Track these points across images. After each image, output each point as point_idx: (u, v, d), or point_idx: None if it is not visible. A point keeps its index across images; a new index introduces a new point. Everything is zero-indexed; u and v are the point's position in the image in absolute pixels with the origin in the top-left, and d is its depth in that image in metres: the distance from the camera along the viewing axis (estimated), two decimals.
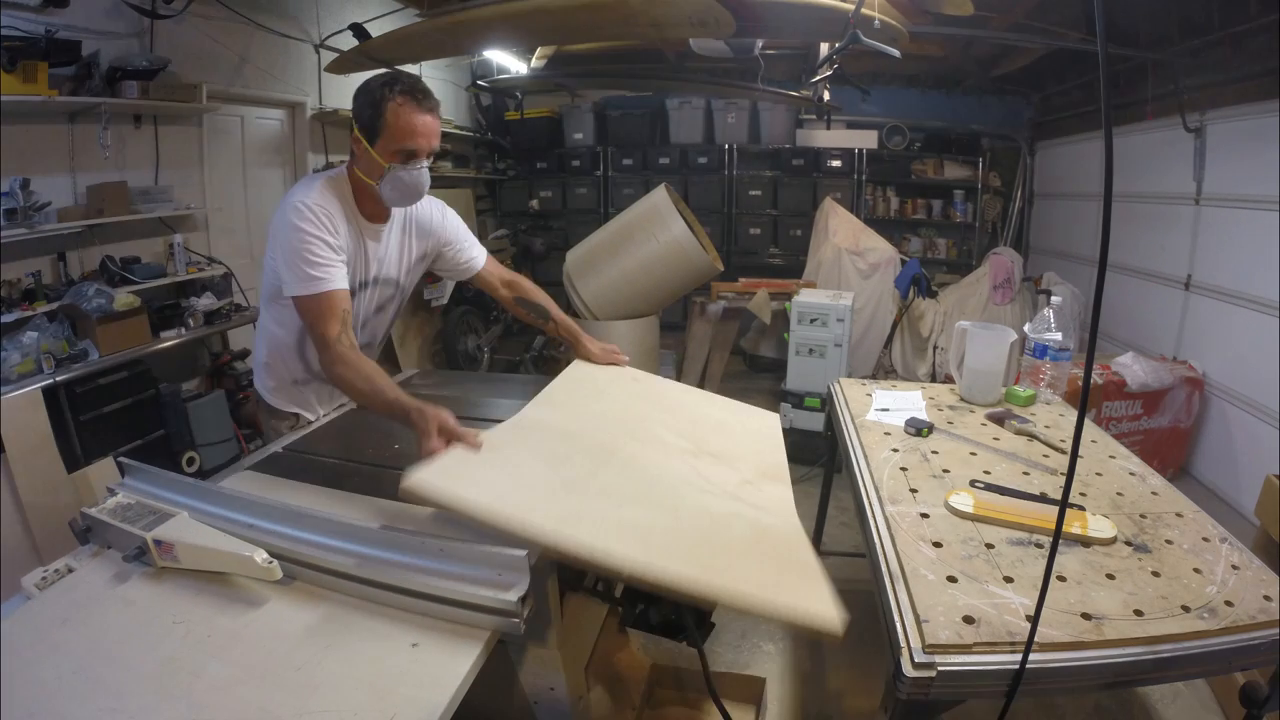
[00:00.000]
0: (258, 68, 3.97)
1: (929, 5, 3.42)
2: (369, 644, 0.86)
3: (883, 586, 1.15)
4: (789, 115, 6.36)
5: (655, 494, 1.16)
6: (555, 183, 6.69)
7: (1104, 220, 0.77)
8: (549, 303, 1.88)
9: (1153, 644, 0.99)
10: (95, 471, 2.71)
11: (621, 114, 6.49)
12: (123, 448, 2.86)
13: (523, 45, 5.12)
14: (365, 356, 1.44)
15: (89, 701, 0.79)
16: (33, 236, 2.70)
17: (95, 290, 2.82)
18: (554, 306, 1.87)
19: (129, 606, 0.95)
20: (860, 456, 1.65)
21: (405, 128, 1.45)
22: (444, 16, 3.44)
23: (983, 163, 6.24)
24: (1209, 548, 1.22)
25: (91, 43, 2.92)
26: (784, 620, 0.89)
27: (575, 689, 1.35)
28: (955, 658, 0.98)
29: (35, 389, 2.49)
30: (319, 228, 1.45)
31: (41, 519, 2.47)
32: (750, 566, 0.99)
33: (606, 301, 4.09)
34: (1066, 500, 0.88)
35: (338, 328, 1.42)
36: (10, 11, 2.59)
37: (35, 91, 2.61)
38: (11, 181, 2.63)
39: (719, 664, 2.21)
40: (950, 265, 6.36)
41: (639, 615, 1.20)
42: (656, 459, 1.29)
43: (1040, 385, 2.04)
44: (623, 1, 3.04)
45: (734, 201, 6.44)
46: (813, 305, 3.73)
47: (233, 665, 0.83)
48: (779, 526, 1.12)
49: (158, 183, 3.38)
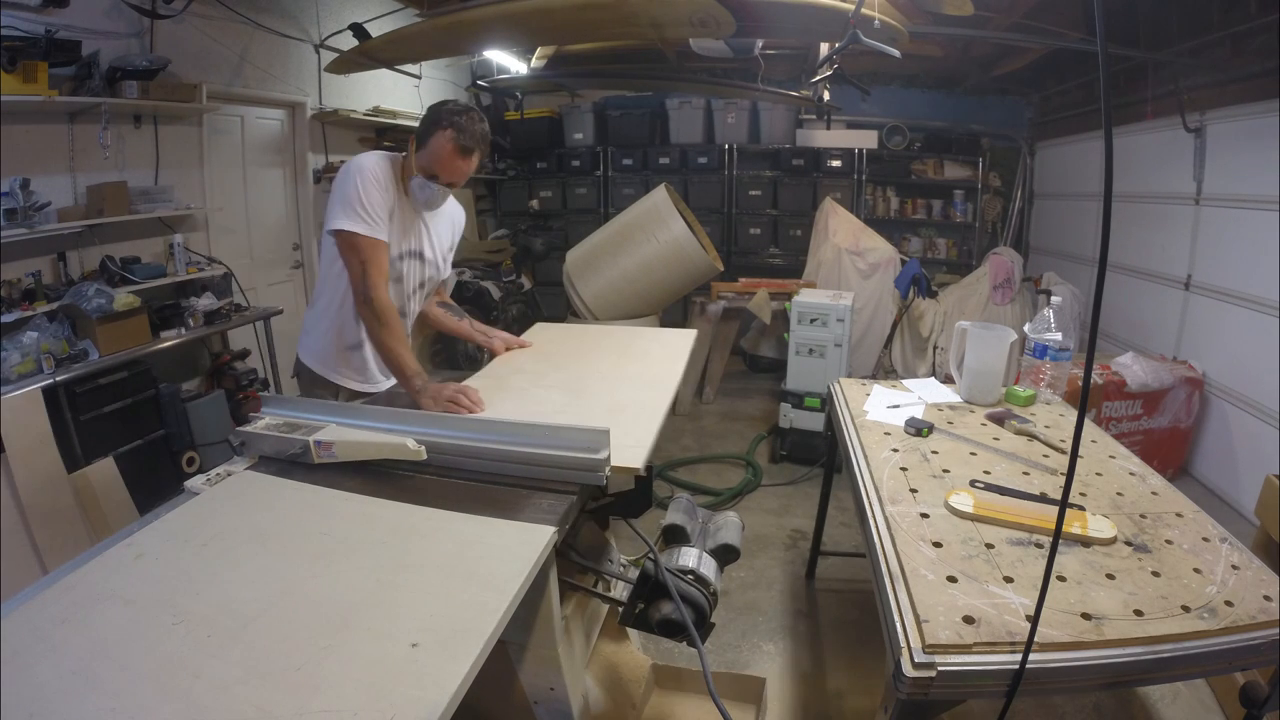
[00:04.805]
0: (257, 68, 3.97)
1: (929, 5, 3.42)
2: (369, 644, 0.86)
3: (883, 586, 1.15)
4: (789, 115, 6.36)
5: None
6: (555, 183, 6.69)
7: (1104, 220, 0.77)
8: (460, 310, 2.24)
9: (1153, 644, 0.99)
10: (95, 471, 2.71)
11: (621, 114, 6.49)
12: (123, 448, 2.86)
13: (523, 45, 5.12)
14: (398, 317, 1.73)
15: (88, 701, 0.78)
16: (33, 236, 2.70)
17: (95, 290, 2.82)
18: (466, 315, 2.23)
19: (129, 606, 0.95)
20: (860, 456, 1.65)
21: (438, 156, 1.71)
22: (444, 16, 3.45)
23: (983, 163, 6.24)
24: (1209, 548, 1.22)
25: (91, 43, 2.92)
26: None
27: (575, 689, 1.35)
28: (955, 658, 0.98)
29: (35, 389, 2.49)
30: (377, 186, 1.70)
31: (41, 519, 2.47)
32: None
33: (606, 301, 4.10)
34: (1066, 500, 0.88)
35: (380, 276, 1.69)
36: (10, 11, 2.59)
37: (35, 91, 2.61)
38: (11, 181, 2.63)
39: (719, 664, 2.22)
40: (950, 265, 6.36)
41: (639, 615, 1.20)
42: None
43: (1040, 385, 2.04)
44: (623, 1, 3.04)
45: (734, 201, 6.44)
46: (813, 305, 3.74)
47: (233, 665, 0.83)
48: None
49: (158, 183, 3.38)
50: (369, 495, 1.24)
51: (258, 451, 1.41)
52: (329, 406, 1.54)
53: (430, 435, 1.35)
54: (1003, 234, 6.36)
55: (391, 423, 1.42)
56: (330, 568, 1.02)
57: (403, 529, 1.13)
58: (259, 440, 1.41)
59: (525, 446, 1.29)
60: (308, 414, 1.49)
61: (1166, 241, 3.95)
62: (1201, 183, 3.67)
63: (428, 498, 1.23)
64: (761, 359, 5.34)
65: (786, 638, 2.39)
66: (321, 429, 1.39)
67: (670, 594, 1.13)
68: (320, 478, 1.32)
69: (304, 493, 1.27)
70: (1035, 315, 2.22)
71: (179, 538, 1.13)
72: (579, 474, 1.25)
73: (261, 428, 1.44)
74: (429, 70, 5.58)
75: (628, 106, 6.50)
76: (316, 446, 1.33)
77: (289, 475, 1.34)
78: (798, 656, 2.31)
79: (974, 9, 3.32)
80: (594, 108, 6.56)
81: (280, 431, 1.40)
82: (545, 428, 1.30)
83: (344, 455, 1.33)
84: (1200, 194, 3.68)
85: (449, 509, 1.18)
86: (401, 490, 1.26)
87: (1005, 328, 1.99)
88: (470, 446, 1.32)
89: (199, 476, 1.35)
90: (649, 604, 1.18)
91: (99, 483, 2.71)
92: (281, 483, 1.31)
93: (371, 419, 1.44)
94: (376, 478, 1.31)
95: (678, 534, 1.29)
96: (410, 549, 1.07)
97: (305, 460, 1.34)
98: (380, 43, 3.79)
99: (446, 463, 1.33)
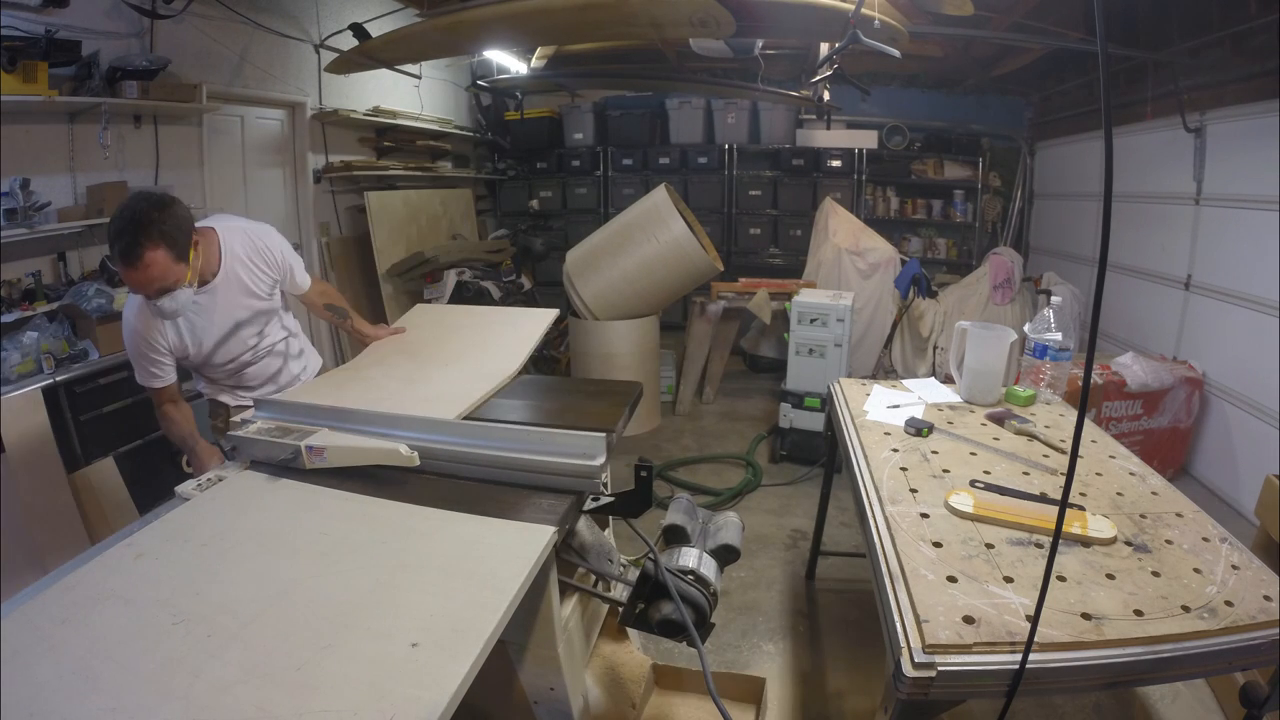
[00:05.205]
0: (257, 68, 3.96)
1: (929, 5, 3.42)
2: (369, 644, 0.86)
3: (883, 586, 1.15)
4: (789, 115, 6.36)
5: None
6: (555, 183, 6.69)
7: (1104, 220, 0.77)
8: (347, 305, 2.24)
9: (1153, 644, 0.99)
10: (95, 471, 2.71)
11: (621, 114, 6.49)
12: (123, 448, 2.86)
13: (523, 45, 5.11)
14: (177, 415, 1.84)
15: (88, 701, 0.79)
16: (33, 236, 2.70)
17: (95, 290, 2.82)
18: (351, 310, 2.23)
19: (129, 606, 0.95)
20: (860, 456, 1.65)
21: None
22: (444, 16, 3.44)
23: (983, 163, 6.24)
24: (1209, 548, 1.22)
25: (91, 43, 2.92)
26: None
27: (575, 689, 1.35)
28: (955, 658, 0.98)
29: (35, 389, 2.49)
30: (140, 341, 1.76)
31: (41, 519, 2.47)
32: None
33: (606, 302, 4.09)
34: (1066, 500, 0.88)
35: (168, 403, 1.85)
36: (10, 11, 2.58)
37: (35, 91, 2.61)
38: (11, 181, 2.63)
39: (719, 664, 2.21)
40: (950, 265, 6.36)
41: (639, 615, 1.20)
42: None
43: (1040, 385, 2.04)
44: (623, 1, 3.04)
45: (734, 201, 6.44)
46: (813, 305, 3.74)
47: (233, 665, 0.83)
48: None
49: (158, 183, 3.37)
50: (368, 495, 1.24)
51: (249, 456, 1.40)
52: (322, 410, 1.53)
53: (423, 441, 1.34)
54: (1003, 234, 6.36)
55: (385, 427, 1.41)
56: (330, 568, 1.02)
57: (402, 529, 1.13)
58: (250, 445, 1.40)
59: (518, 452, 1.29)
60: (300, 417, 1.48)
61: (1166, 241, 3.95)
62: (1201, 183, 3.67)
63: (427, 497, 1.23)
64: (761, 359, 5.34)
65: (786, 638, 2.39)
66: (314, 433, 1.38)
67: (670, 594, 1.13)
68: (319, 478, 1.32)
69: (303, 493, 1.27)
70: (1035, 315, 2.22)
71: (179, 538, 1.13)
72: (572, 480, 1.25)
73: (253, 432, 1.43)
74: (429, 70, 5.58)
75: (628, 106, 6.51)
76: (308, 452, 1.32)
77: (287, 476, 1.33)
78: (798, 656, 2.31)
79: (974, 9, 3.32)
80: (594, 108, 6.56)
81: (272, 436, 1.40)
82: (539, 432, 1.30)
83: (335, 461, 1.32)
84: (1200, 194, 3.68)
85: (448, 509, 1.18)
86: (401, 490, 1.26)
87: (1005, 328, 1.99)
88: (463, 452, 1.32)
89: (190, 482, 1.34)
90: (649, 604, 1.18)
91: (99, 483, 2.71)
92: (281, 483, 1.31)
93: (364, 423, 1.43)
94: (376, 478, 1.31)
95: (678, 534, 1.29)
96: (410, 549, 1.07)
97: (297, 465, 1.33)
98: (380, 43, 3.78)
99: (440, 468, 1.32)
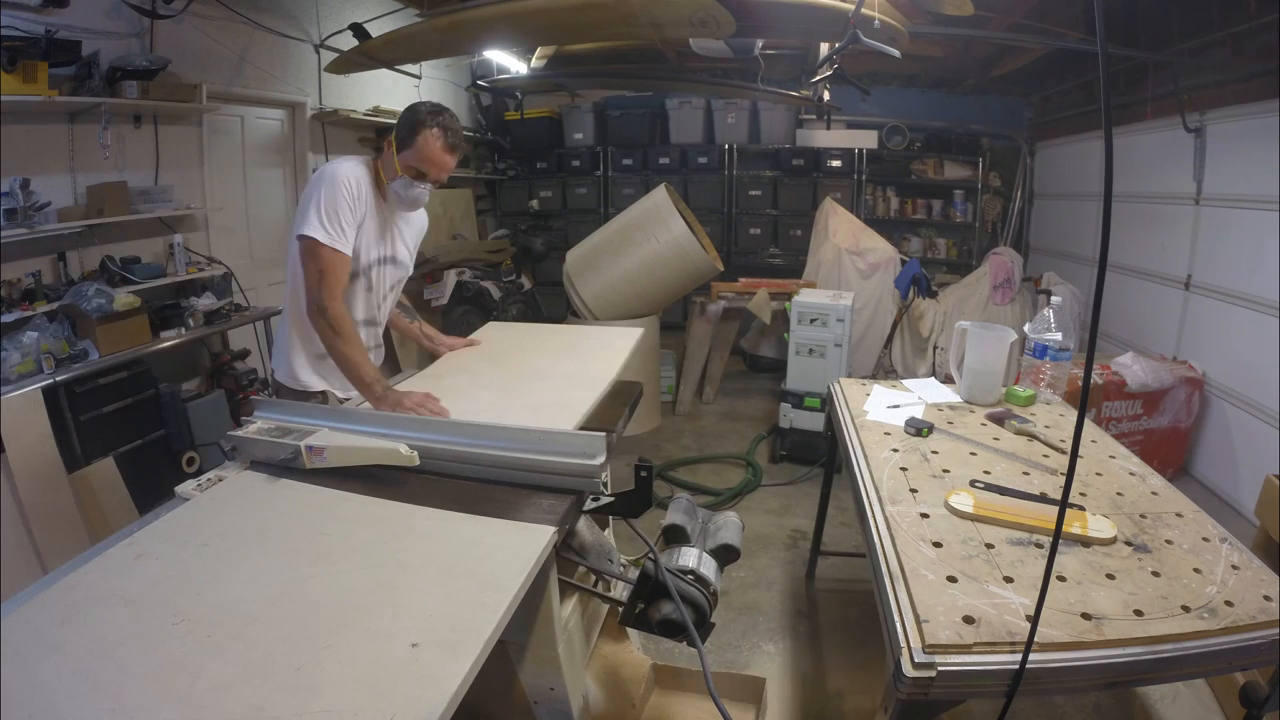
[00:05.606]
0: (258, 68, 3.96)
1: (929, 5, 3.42)
2: (369, 644, 0.86)
3: (883, 586, 1.15)
4: (789, 115, 6.36)
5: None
6: (555, 183, 6.69)
7: (1104, 220, 0.77)
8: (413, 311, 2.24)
9: (1153, 644, 0.99)
10: (95, 471, 2.71)
11: (621, 114, 6.49)
12: (123, 448, 2.86)
13: (523, 45, 5.12)
14: (353, 326, 1.72)
15: (88, 701, 0.78)
16: (33, 236, 2.70)
17: (95, 290, 2.81)
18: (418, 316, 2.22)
19: (129, 606, 0.95)
20: (860, 456, 1.65)
21: (426, 155, 1.73)
22: (444, 16, 3.44)
23: (983, 163, 6.24)
24: (1209, 548, 1.22)
25: (91, 43, 2.92)
26: None
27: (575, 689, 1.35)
28: (955, 658, 0.98)
29: (35, 389, 2.49)
30: (348, 196, 1.69)
31: (41, 519, 2.47)
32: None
33: (606, 302, 4.09)
34: (1066, 500, 0.88)
35: (337, 287, 1.69)
36: (10, 11, 2.58)
37: (35, 91, 2.61)
38: (11, 181, 2.63)
39: (719, 664, 2.22)
40: (950, 265, 6.36)
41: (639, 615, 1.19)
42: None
43: (1040, 385, 2.04)
44: (623, 1, 3.04)
45: (734, 201, 6.44)
46: (813, 305, 3.74)
47: (233, 665, 0.83)
48: None
49: (158, 183, 3.37)
50: (369, 495, 1.24)
51: (249, 456, 1.40)
52: (322, 410, 1.53)
53: (423, 440, 1.34)
54: (1003, 234, 6.36)
55: (384, 427, 1.41)
56: (330, 568, 1.02)
57: (403, 529, 1.13)
58: (250, 445, 1.40)
59: (519, 452, 1.28)
60: (300, 417, 1.48)
61: (1166, 241, 3.95)
62: (1201, 183, 3.67)
63: (427, 498, 1.23)
64: (761, 359, 5.34)
65: (786, 638, 2.39)
66: (313, 433, 1.38)
67: (670, 594, 1.13)
68: (319, 478, 1.32)
69: (304, 493, 1.27)
70: (1035, 315, 2.22)
71: (179, 538, 1.13)
72: (574, 480, 1.25)
73: (253, 432, 1.43)
74: (429, 70, 5.57)
75: (628, 106, 6.50)
76: (308, 451, 1.32)
77: (288, 475, 1.34)
78: (798, 656, 2.31)
79: (974, 9, 3.32)
80: (594, 108, 6.56)
81: (272, 436, 1.39)
82: (540, 432, 1.30)
83: (336, 461, 1.32)
84: (1200, 194, 3.68)
85: (449, 509, 1.18)
86: (401, 490, 1.26)
87: (1005, 328, 1.99)
88: (463, 452, 1.31)
89: (190, 482, 1.34)
90: (649, 604, 1.18)
91: (99, 483, 2.71)
92: (281, 483, 1.31)
93: (364, 423, 1.43)
94: (376, 478, 1.31)
95: (678, 534, 1.29)
96: (410, 549, 1.07)
97: (297, 465, 1.33)
98: (380, 43, 3.79)
99: (440, 468, 1.32)
